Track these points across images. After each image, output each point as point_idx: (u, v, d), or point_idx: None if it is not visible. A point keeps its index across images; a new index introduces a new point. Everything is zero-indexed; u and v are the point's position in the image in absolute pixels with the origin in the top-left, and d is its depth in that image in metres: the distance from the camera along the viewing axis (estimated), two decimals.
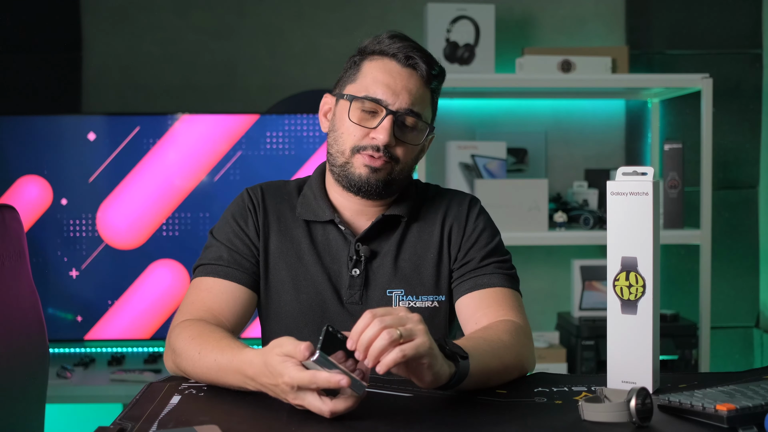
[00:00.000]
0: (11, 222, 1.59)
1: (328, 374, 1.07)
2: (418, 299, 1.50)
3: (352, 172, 1.46)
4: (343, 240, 1.51)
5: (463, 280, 1.50)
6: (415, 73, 1.46)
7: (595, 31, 3.23)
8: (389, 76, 1.45)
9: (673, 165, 2.85)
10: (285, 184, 1.59)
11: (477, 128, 3.20)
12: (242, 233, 1.51)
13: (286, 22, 3.16)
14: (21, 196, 2.86)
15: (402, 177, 1.50)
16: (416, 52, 1.46)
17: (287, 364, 1.10)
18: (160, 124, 2.88)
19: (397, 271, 1.50)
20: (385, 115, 1.44)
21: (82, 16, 3.13)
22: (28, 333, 1.63)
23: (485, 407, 1.18)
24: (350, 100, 1.46)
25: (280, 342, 1.13)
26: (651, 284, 1.24)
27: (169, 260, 2.90)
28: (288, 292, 1.49)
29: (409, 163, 1.50)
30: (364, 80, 1.47)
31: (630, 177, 1.26)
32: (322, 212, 1.52)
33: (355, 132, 1.45)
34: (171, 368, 1.37)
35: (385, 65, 1.46)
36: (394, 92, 1.44)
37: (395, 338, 1.08)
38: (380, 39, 1.48)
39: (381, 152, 1.44)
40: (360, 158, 1.45)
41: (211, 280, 1.47)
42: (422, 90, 1.47)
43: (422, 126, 1.47)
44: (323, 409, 1.09)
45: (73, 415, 2.94)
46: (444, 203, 1.57)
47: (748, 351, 3.25)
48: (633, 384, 1.25)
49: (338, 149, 1.48)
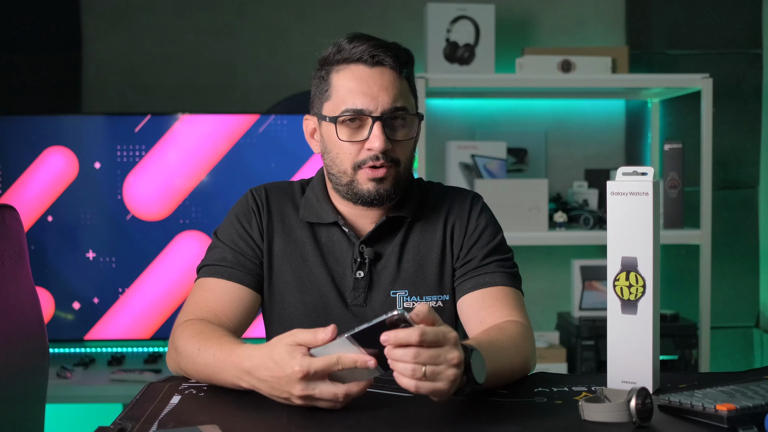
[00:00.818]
0: (11, 222, 1.59)
1: (356, 354, 1.07)
2: (422, 300, 1.50)
3: (360, 188, 1.45)
4: (347, 242, 1.51)
5: (465, 279, 1.50)
6: (386, 69, 1.43)
7: (595, 31, 3.23)
8: (362, 82, 1.42)
9: (673, 165, 2.85)
10: (289, 185, 1.58)
11: (477, 128, 3.20)
12: (246, 234, 1.50)
13: (286, 22, 3.16)
14: (22, 195, 2.86)
15: (407, 175, 1.49)
16: (379, 48, 1.43)
17: (296, 352, 1.10)
18: (160, 124, 2.88)
19: (401, 272, 1.50)
20: (372, 122, 1.41)
21: (82, 16, 3.13)
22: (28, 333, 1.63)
23: (485, 407, 1.18)
24: (333, 122, 1.44)
25: (291, 332, 1.13)
26: (651, 284, 1.24)
27: (169, 261, 2.91)
28: (292, 293, 1.49)
29: (410, 158, 1.49)
30: (338, 95, 1.43)
31: (630, 177, 1.26)
32: (326, 215, 1.51)
33: (350, 149, 1.43)
34: (172, 367, 1.37)
35: (353, 72, 1.43)
36: (372, 97, 1.41)
37: (417, 376, 1.07)
38: (340, 46, 1.44)
39: (381, 159, 1.42)
40: (363, 174, 1.43)
41: (215, 281, 1.47)
42: (398, 82, 1.44)
43: (410, 118, 1.46)
44: (338, 393, 1.08)
45: (73, 415, 2.95)
46: (446, 201, 1.56)
47: (748, 351, 3.25)
48: (633, 384, 1.25)
49: (339, 170, 1.46)
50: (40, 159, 2.85)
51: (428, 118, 3.04)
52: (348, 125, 1.43)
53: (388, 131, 1.42)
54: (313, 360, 1.09)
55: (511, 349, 1.31)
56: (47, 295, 2.86)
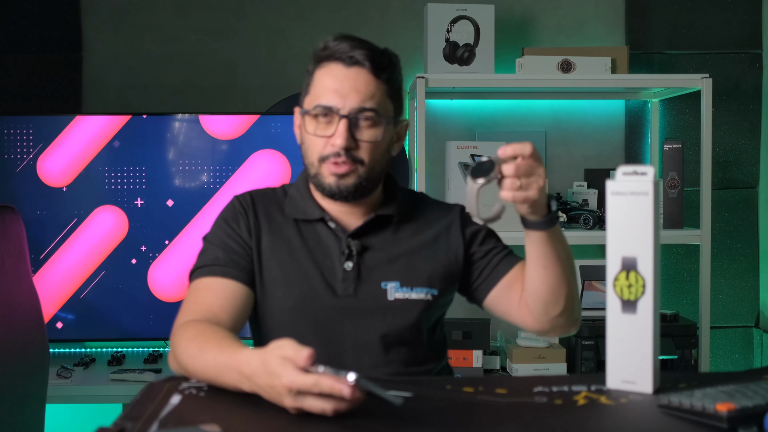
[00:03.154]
0: (11, 222, 1.60)
1: (333, 381, 1.07)
2: (413, 290, 1.53)
3: (323, 181, 1.50)
4: (334, 237, 1.54)
5: (483, 278, 1.58)
6: (362, 70, 1.47)
7: (595, 31, 3.23)
8: (335, 80, 1.47)
9: (673, 165, 2.85)
10: (272, 191, 1.63)
11: (477, 128, 3.20)
12: (235, 234, 1.54)
13: (286, 22, 3.16)
14: (22, 194, 2.86)
15: (374, 175, 1.52)
16: (359, 50, 1.47)
17: (286, 366, 1.10)
18: (160, 124, 2.88)
19: (391, 264, 1.53)
20: (339, 120, 1.46)
21: (82, 16, 3.12)
22: (28, 333, 1.63)
23: (485, 407, 1.18)
24: (304, 114, 1.51)
25: (281, 344, 1.13)
26: (651, 284, 1.23)
27: (169, 261, 2.91)
28: (280, 288, 1.51)
29: (378, 159, 1.51)
30: (315, 90, 1.50)
31: (630, 176, 1.25)
32: (311, 211, 1.55)
33: (317, 142, 1.49)
34: (174, 367, 1.38)
35: (331, 70, 1.49)
36: (341, 95, 1.46)
37: (514, 186, 1.32)
38: (326, 43, 1.51)
39: (344, 157, 1.46)
40: (326, 167, 1.49)
41: (210, 279, 1.49)
42: (372, 85, 1.48)
43: (379, 121, 1.48)
44: (326, 408, 1.09)
45: (73, 415, 2.95)
46: (436, 209, 1.63)
47: (748, 351, 3.25)
48: (633, 384, 1.25)
49: (308, 161, 1.52)
50: (40, 159, 2.85)
51: (428, 118, 3.04)
52: (318, 119, 1.48)
53: (354, 131, 1.47)
54: (298, 377, 1.08)
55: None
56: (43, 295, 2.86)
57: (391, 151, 1.56)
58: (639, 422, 1.12)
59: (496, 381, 1.34)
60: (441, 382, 1.33)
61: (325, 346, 1.48)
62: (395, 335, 1.51)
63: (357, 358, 1.49)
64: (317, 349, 1.13)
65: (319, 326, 1.49)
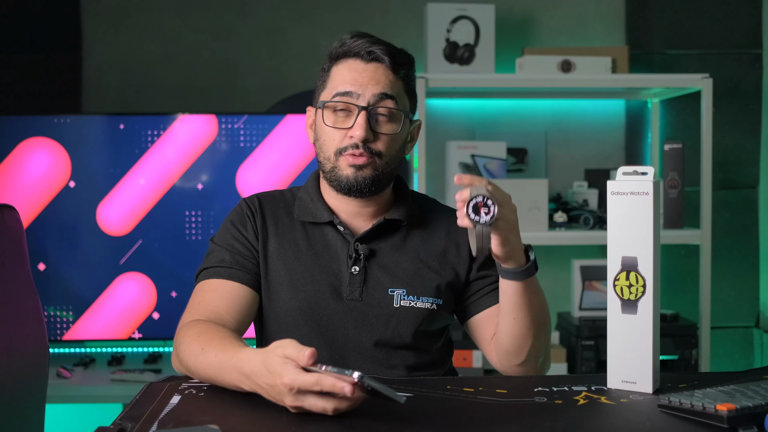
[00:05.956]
0: (11, 222, 1.59)
1: (334, 380, 1.07)
2: (419, 299, 1.51)
3: (340, 174, 1.49)
4: (342, 240, 1.53)
5: (470, 301, 1.57)
6: (381, 66, 1.49)
7: (595, 31, 3.23)
8: (355, 72, 1.49)
9: (673, 165, 2.85)
10: (280, 193, 1.63)
11: (477, 128, 3.20)
12: (242, 237, 1.54)
13: (286, 22, 3.16)
14: (22, 192, 2.86)
15: (389, 170, 1.52)
16: (377, 46, 1.49)
17: (288, 365, 1.10)
18: (160, 124, 2.88)
19: (398, 271, 1.52)
20: (358, 112, 1.47)
21: (82, 16, 3.13)
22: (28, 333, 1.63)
23: (485, 407, 1.18)
24: (322, 106, 1.50)
25: (282, 344, 1.13)
26: (651, 284, 1.23)
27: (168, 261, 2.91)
28: (286, 291, 1.51)
29: (394, 155, 1.52)
30: (333, 83, 1.51)
31: (630, 177, 1.26)
32: (320, 214, 1.54)
33: (334, 135, 1.49)
34: (176, 367, 1.39)
35: (349, 65, 1.50)
36: (361, 84, 1.47)
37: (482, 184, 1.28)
38: (343, 41, 1.51)
39: (361, 149, 1.46)
40: (344, 160, 1.48)
41: (216, 281, 1.49)
42: (391, 78, 1.49)
43: (398, 114, 1.49)
44: (327, 407, 1.09)
45: (73, 415, 2.95)
46: (445, 217, 1.60)
47: (748, 351, 3.25)
48: (633, 384, 1.25)
49: (324, 156, 1.52)
50: (39, 158, 2.85)
51: (428, 118, 3.04)
52: (335, 112, 1.49)
53: (373, 123, 1.48)
54: (300, 376, 1.09)
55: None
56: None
57: (405, 150, 1.56)
58: (639, 422, 1.12)
59: (496, 381, 1.34)
60: (441, 382, 1.33)
61: (328, 348, 1.47)
62: (399, 341, 1.50)
63: (360, 361, 1.48)
64: (321, 352, 1.13)
65: (323, 329, 1.49)
